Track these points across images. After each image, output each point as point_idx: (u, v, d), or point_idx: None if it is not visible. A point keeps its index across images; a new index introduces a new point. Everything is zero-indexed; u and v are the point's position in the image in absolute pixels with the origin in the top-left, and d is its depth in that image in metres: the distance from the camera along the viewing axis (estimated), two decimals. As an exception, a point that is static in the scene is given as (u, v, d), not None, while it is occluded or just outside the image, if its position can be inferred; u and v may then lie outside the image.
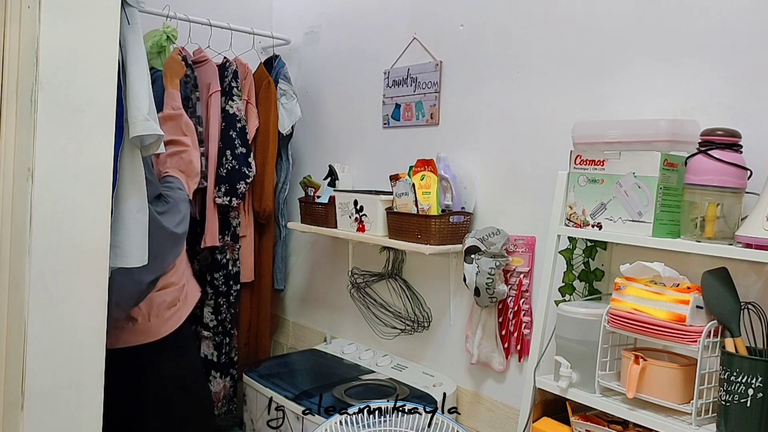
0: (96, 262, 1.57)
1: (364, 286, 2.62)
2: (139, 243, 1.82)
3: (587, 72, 1.87)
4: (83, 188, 1.54)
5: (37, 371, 1.49)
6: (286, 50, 3.03)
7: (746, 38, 1.54)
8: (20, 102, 1.49)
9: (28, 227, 1.47)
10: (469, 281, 2.02)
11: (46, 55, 1.47)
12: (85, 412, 1.57)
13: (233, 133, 2.65)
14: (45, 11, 1.46)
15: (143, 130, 1.73)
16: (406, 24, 2.47)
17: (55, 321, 1.51)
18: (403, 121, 2.47)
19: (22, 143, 1.49)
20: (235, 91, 2.67)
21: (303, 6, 3.01)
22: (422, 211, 2.12)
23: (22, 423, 1.48)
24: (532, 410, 1.69)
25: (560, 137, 1.85)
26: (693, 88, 1.64)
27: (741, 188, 1.41)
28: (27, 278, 1.47)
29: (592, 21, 1.86)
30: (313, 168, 2.88)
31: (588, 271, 1.78)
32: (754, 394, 1.28)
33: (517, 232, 2.05)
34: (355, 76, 2.71)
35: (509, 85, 2.09)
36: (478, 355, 2.15)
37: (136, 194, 1.81)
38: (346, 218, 2.41)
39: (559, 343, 1.65)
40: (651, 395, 1.45)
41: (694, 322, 1.39)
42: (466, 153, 2.22)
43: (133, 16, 1.74)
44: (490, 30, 2.15)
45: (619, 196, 1.55)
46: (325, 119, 2.89)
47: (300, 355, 2.72)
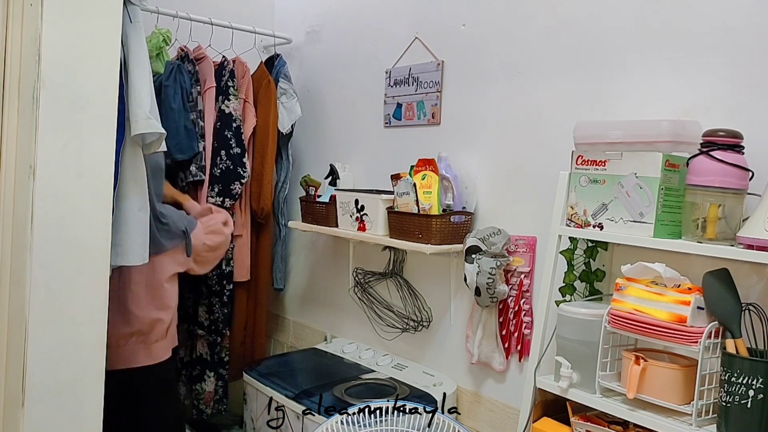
0: (97, 260, 1.58)
1: (364, 285, 2.63)
2: (141, 241, 1.83)
3: (589, 72, 1.87)
4: (85, 186, 1.54)
5: (38, 369, 1.49)
6: (288, 49, 3.03)
7: (748, 39, 1.54)
8: (22, 99, 1.49)
9: (30, 225, 1.47)
10: (470, 281, 2.02)
11: (48, 53, 1.47)
12: (86, 410, 1.58)
13: (228, 132, 2.63)
14: (47, 9, 1.46)
15: (145, 128, 1.73)
16: (408, 23, 2.47)
17: (55, 319, 1.51)
18: (404, 121, 2.47)
19: (24, 141, 1.49)
20: (231, 90, 2.65)
21: (305, 5, 3.01)
22: (423, 211, 2.12)
23: (23, 420, 1.48)
24: (533, 410, 1.69)
25: (562, 137, 1.85)
26: (695, 89, 1.64)
27: (742, 189, 1.41)
28: (28, 276, 1.47)
29: (594, 21, 1.86)
30: (313, 167, 2.88)
31: (589, 272, 1.78)
32: (754, 395, 1.28)
33: (518, 232, 2.05)
34: (357, 76, 2.71)
35: (511, 85, 2.09)
36: (479, 355, 2.15)
37: (137, 192, 1.81)
38: (347, 217, 2.41)
39: (560, 344, 1.65)
40: (651, 396, 1.45)
41: (694, 323, 1.39)
42: (468, 153, 2.22)
43: (135, 14, 1.74)
44: (491, 30, 2.15)
45: (620, 196, 1.55)
46: (327, 118, 2.88)
47: (300, 354, 2.72)
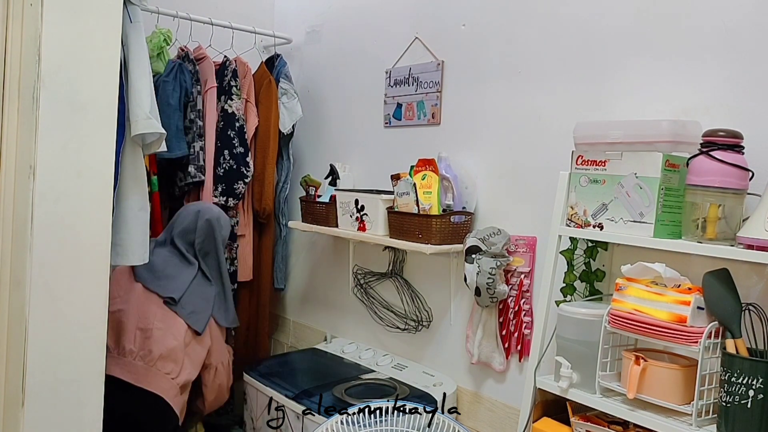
0: (97, 260, 1.58)
1: (365, 285, 2.63)
2: (140, 241, 1.83)
3: (589, 72, 1.87)
4: (85, 186, 1.54)
5: (38, 368, 1.49)
6: (288, 49, 3.03)
7: (748, 39, 1.54)
8: (22, 99, 1.49)
9: (30, 225, 1.47)
10: (470, 281, 2.02)
11: (48, 53, 1.47)
12: (86, 410, 1.58)
13: (231, 132, 2.64)
14: (47, 9, 1.46)
15: (145, 128, 1.73)
16: (408, 24, 2.47)
17: (55, 319, 1.52)
18: (404, 121, 2.47)
19: (24, 141, 1.49)
20: (234, 90, 2.66)
21: (305, 5, 3.01)
22: (423, 211, 2.12)
23: (23, 420, 1.48)
24: (533, 410, 1.69)
25: (562, 137, 1.85)
26: (695, 89, 1.64)
27: (742, 189, 1.41)
28: (28, 276, 1.47)
29: (594, 21, 1.86)
30: (314, 167, 2.88)
31: (589, 272, 1.78)
32: (754, 395, 1.28)
33: (518, 232, 2.05)
34: (357, 76, 2.71)
35: (511, 85, 2.09)
36: (479, 355, 2.15)
37: (137, 192, 1.81)
38: (347, 217, 2.41)
39: (560, 344, 1.65)
40: (651, 396, 1.45)
41: (694, 323, 1.39)
42: (468, 153, 2.22)
43: (135, 14, 1.74)
44: (491, 30, 2.15)
45: (620, 196, 1.55)
46: (327, 118, 2.88)
47: (300, 354, 2.71)
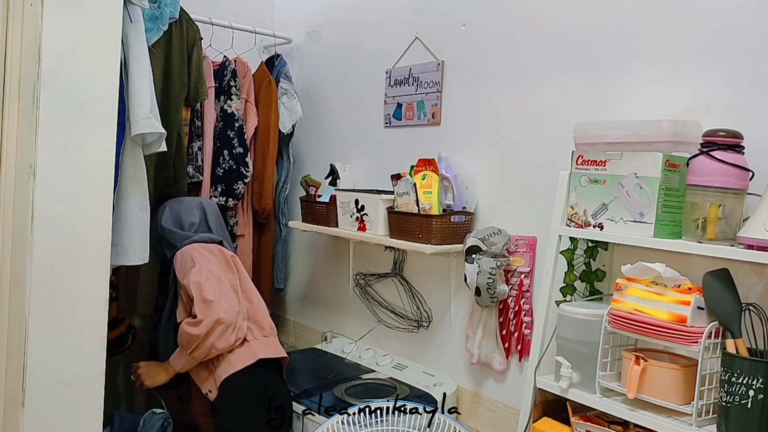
0: (97, 260, 1.58)
1: (365, 285, 2.63)
2: (141, 241, 1.83)
3: (589, 72, 1.87)
4: (85, 186, 1.54)
5: (38, 368, 1.49)
6: (288, 49, 3.03)
7: (748, 39, 1.54)
8: (22, 99, 1.49)
9: (30, 225, 1.47)
10: (470, 281, 2.02)
11: (48, 53, 1.47)
12: (86, 409, 1.58)
13: (231, 132, 2.64)
14: (47, 9, 1.46)
15: (145, 128, 1.73)
16: (408, 23, 2.46)
17: (56, 318, 1.52)
18: (404, 121, 2.47)
19: (24, 140, 1.49)
20: (233, 90, 2.65)
21: (305, 5, 3.01)
22: (423, 211, 2.12)
23: (23, 420, 1.48)
24: (533, 410, 1.69)
25: (562, 137, 1.85)
26: (695, 89, 1.64)
27: (743, 189, 1.41)
28: (28, 276, 1.47)
29: (594, 21, 1.86)
30: (314, 167, 2.88)
31: (589, 272, 1.78)
32: (754, 395, 1.28)
33: (518, 232, 2.05)
34: (357, 76, 2.71)
35: (511, 85, 2.09)
36: (479, 355, 2.15)
37: (137, 192, 1.81)
38: (348, 217, 2.41)
39: (560, 344, 1.65)
40: (651, 396, 1.45)
41: (695, 323, 1.39)
42: (468, 153, 2.22)
43: (135, 14, 1.74)
44: (492, 30, 2.15)
45: (620, 196, 1.55)
46: (327, 118, 2.88)
47: (300, 354, 2.71)
